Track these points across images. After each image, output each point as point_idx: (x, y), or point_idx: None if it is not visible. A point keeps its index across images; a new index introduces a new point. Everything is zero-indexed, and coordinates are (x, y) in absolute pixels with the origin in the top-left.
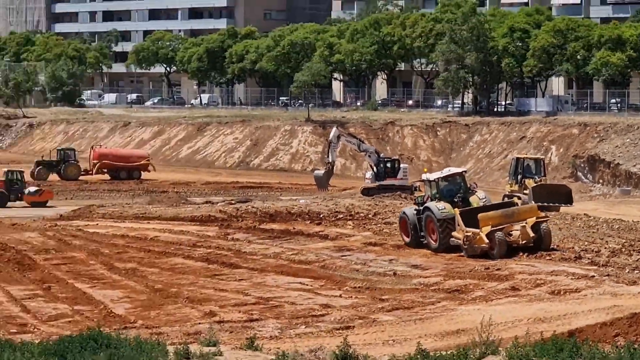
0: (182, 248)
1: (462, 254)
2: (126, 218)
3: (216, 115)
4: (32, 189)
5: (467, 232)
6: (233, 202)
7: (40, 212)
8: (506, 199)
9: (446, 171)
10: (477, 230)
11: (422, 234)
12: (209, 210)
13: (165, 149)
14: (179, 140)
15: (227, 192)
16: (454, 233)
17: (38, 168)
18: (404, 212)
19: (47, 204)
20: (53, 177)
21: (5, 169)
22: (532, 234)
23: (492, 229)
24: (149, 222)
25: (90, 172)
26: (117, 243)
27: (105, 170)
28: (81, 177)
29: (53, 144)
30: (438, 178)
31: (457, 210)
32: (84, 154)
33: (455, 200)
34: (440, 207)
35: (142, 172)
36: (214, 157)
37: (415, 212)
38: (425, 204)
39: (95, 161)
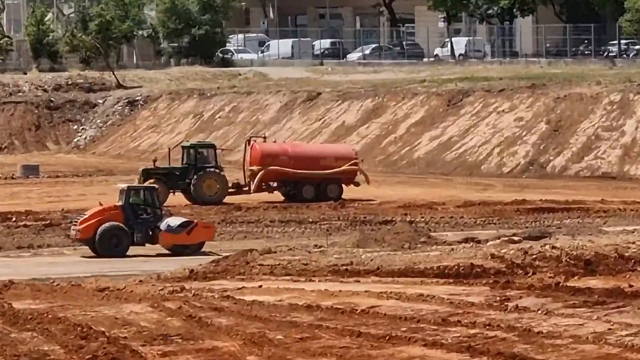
0: (420, 327)
1: None
2: (315, 273)
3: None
4: (174, 220)
5: None
6: (515, 238)
7: (172, 262)
8: None
9: None
10: None
11: None
12: (469, 255)
13: (385, 142)
14: (414, 125)
15: (502, 220)
16: None
17: (147, 183)
18: None
19: (202, 249)
20: (175, 198)
21: (122, 185)
22: None
23: None
24: (358, 280)
25: (245, 187)
26: (298, 321)
27: (274, 184)
28: (229, 198)
29: (174, 137)
30: None
31: None
32: (234, 154)
33: None
34: None
35: (343, 185)
36: (477, 156)
37: None
38: None
39: (254, 168)
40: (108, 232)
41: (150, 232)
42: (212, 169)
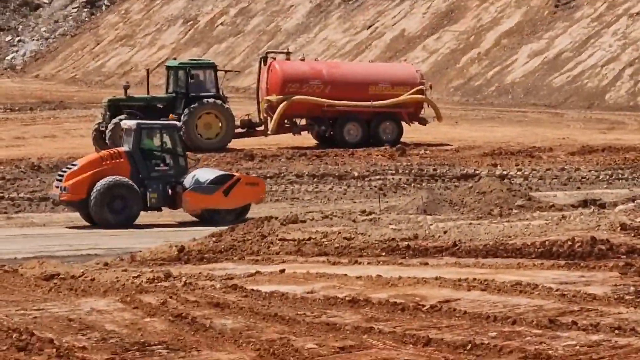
0: (517, 332)
1: None
2: (363, 251)
3: None
4: (205, 174)
5: None
6: None
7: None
8: None
9: None
10: None
11: None
12: (588, 225)
13: (465, 60)
14: (506, 35)
15: (637, 173)
16: None
17: (117, 119)
18: None
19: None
20: None
21: (130, 122)
22: None
23: None
24: (425, 262)
25: (261, 126)
26: (338, 322)
27: (302, 122)
28: (236, 142)
29: (154, 54)
30: None
31: None
32: (243, 77)
33: None
34: None
35: (403, 122)
36: (599, 81)
37: None
38: None
39: (273, 98)
40: (108, 192)
41: (170, 191)
42: (211, 100)
